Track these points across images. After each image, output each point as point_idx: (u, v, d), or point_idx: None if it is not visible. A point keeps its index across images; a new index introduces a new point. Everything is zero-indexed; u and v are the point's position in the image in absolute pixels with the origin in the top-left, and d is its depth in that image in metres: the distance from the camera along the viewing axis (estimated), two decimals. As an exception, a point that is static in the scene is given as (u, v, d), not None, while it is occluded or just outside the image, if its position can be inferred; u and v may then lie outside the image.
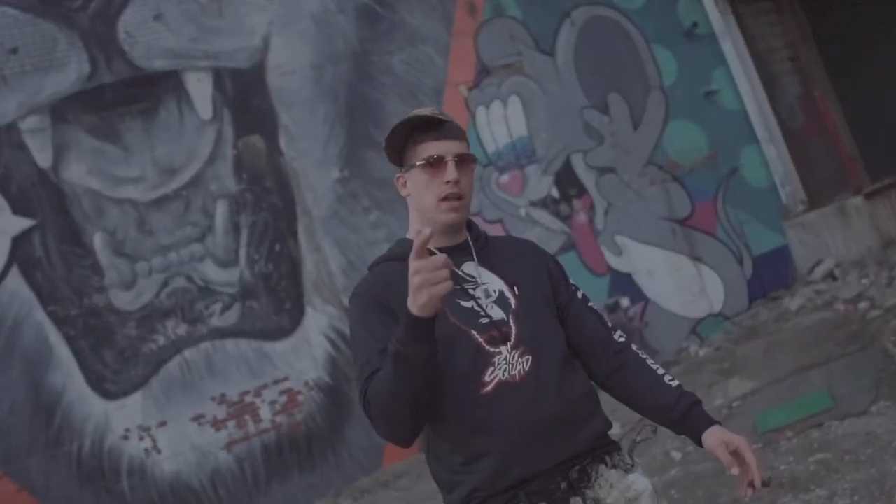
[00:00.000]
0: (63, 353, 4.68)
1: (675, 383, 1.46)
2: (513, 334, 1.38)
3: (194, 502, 4.80)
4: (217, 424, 4.91)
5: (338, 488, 5.08)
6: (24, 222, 4.72)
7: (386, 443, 5.10)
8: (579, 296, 1.53)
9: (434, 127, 1.43)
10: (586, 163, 6.28)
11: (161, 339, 4.91)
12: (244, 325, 5.13)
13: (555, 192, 6.15)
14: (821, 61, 7.28)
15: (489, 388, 1.34)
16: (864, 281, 5.73)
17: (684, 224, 6.48)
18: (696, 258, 6.45)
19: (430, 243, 1.30)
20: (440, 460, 1.41)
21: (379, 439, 5.13)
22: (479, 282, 1.44)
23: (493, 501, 1.34)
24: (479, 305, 1.40)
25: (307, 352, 5.26)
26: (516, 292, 1.43)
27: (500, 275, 1.46)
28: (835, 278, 6.15)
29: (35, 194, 4.77)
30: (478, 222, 1.59)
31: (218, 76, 5.32)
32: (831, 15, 7.06)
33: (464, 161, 1.44)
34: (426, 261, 1.16)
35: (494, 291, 1.44)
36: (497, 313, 1.40)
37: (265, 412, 5.04)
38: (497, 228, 5.65)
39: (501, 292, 1.43)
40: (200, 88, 5.23)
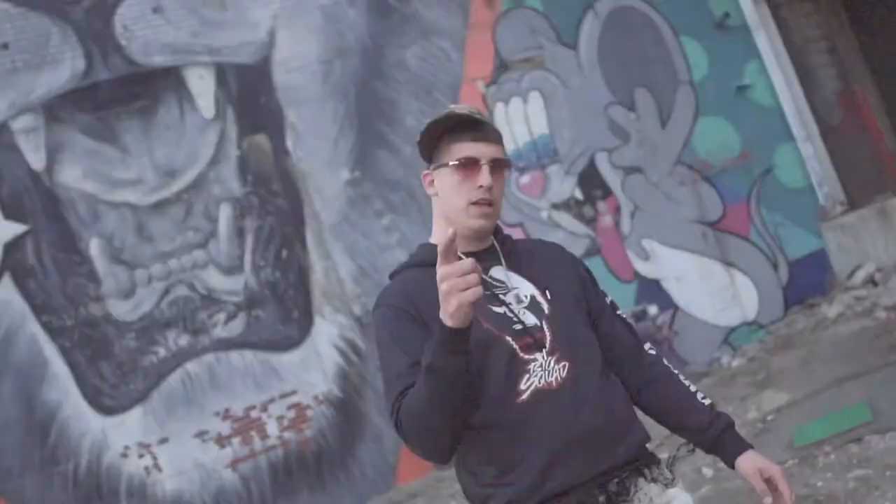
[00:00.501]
0: (58, 366, 4.53)
1: (708, 402, 1.46)
2: (548, 340, 1.34)
3: (197, 524, 4.65)
4: (221, 441, 4.73)
5: (349, 509, 4.92)
6: (16, 228, 4.57)
7: (399, 460, 4.96)
8: (608, 302, 1.52)
9: (471, 127, 1.39)
10: (611, 162, 6.05)
11: (162, 351, 4.73)
12: (250, 335, 4.95)
13: (578, 194, 5.93)
14: (860, 54, 6.98)
15: (525, 395, 1.30)
16: (907, 287, 5.52)
17: (716, 227, 6.22)
18: (729, 263, 6.19)
19: (462, 245, 1.32)
20: (472, 473, 1.36)
21: (392, 457, 4.99)
22: (510, 286, 1.41)
23: None
24: (512, 311, 1.36)
25: (316, 364, 5.06)
26: (548, 297, 1.41)
27: (531, 279, 1.43)
28: (875, 284, 5.90)
29: (27, 198, 4.61)
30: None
31: (221, 73, 5.14)
32: (871, 4, 6.78)
33: (499, 166, 1.40)
34: (453, 266, 1.11)
35: (526, 297, 1.41)
36: (530, 319, 1.37)
37: (272, 428, 4.86)
38: (517, 232, 5.43)
39: (533, 297, 1.40)
40: (202, 86, 5.05)
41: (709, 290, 6.07)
